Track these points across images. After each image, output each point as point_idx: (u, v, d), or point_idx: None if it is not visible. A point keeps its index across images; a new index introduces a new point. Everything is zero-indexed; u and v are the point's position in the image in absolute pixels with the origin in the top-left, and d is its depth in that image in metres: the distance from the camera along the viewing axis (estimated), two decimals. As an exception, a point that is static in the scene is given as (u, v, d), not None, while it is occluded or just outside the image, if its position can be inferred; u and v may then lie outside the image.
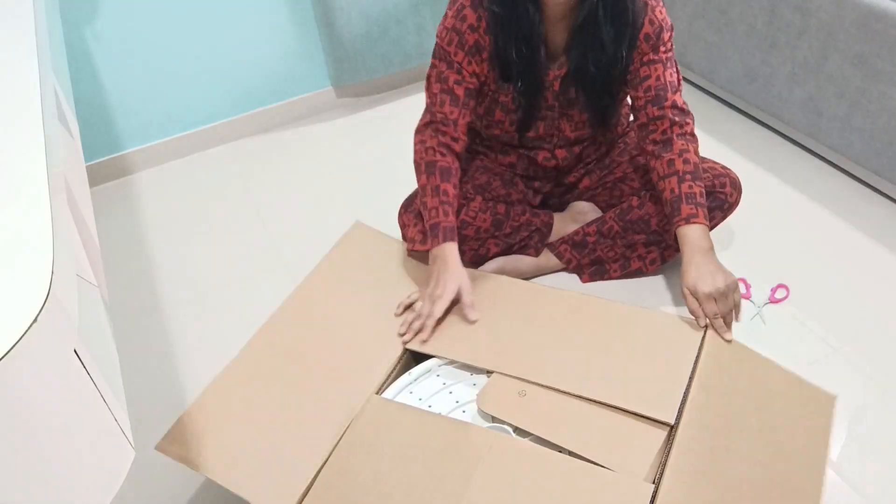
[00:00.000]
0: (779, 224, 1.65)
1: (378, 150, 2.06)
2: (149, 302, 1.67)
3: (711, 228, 1.38)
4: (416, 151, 1.37)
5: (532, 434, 1.06)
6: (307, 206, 1.89)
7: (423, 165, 1.34)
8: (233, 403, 1.16)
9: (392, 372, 1.19)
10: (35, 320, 0.58)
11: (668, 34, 1.29)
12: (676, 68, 1.33)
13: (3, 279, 0.63)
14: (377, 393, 1.15)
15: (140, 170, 2.14)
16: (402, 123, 2.15)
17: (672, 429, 1.06)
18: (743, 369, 1.14)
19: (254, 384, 1.18)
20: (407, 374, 1.19)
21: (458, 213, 1.41)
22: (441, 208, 1.30)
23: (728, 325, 1.21)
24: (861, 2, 1.52)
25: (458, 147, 1.35)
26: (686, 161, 1.29)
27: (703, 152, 1.58)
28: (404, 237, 1.44)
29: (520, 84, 1.32)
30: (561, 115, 1.39)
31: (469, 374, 1.19)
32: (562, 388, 1.11)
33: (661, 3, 1.29)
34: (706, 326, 1.20)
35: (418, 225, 1.39)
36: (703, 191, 1.29)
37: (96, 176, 2.07)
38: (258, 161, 2.11)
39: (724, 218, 1.41)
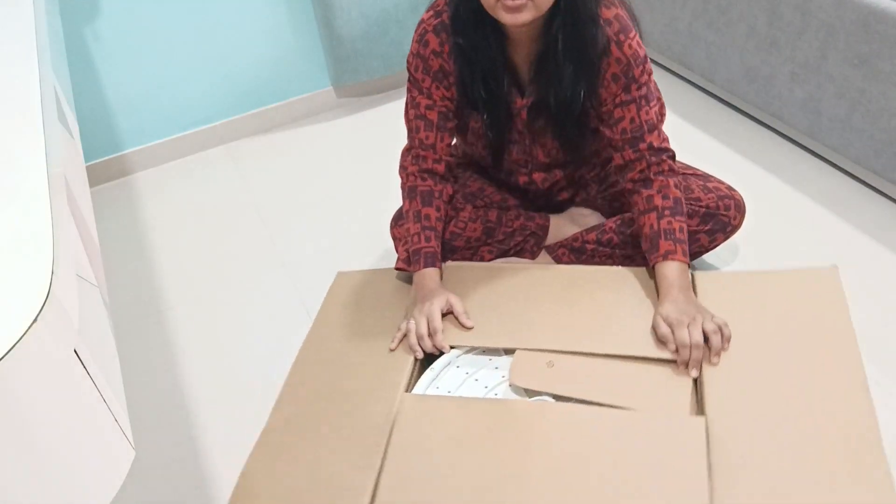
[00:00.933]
0: (779, 224, 1.65)
1: (378, 151, 2.06)
2: (149, 302, 1.67)
3: (710, 249, 1.37)
4: (400, 176, 1.39)
5: (571, 399, 1.09)
6: (307, 206, 1.89)
7: (406, 190, 1.36)
8: (281, 452, 1.15)
9: (413, 371, 1.20)
10: (35, 320, 0.58)
11: (640, 69, 1.22)
12: (657, 98, 1.27)
13: (3, 279, 0.63)
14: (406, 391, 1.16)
15: (140, 170, 2.14)
16: (403, 123, 2.14)
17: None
18: (742, 289, 1.21)
19: (292, 431, 1.18)
20: (429, 369, 1.19)
21: (447, 225, 1.41)
22: (423, 234, 1.31)
23: (696, 362, 1.11)
24: (861, 2, 1.52)
25: (441, 168, 1.35)
26: (665, 196, 1.24)
27: (703, 152, 1.58)
28: (397, 250, 1.46)
29: (485, 116, 1.31)
30: (533, 142, 1.37)
31: (487, 358, 1.20)
32: (584, 350, 1.15)
33: (631, 34, 1.21)
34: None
35: (407, 244, 1.39)
36: (684, 226, 1.24)
37: (96, 176, 2.07)
38: (258, 161, 2.11)
39: (725, 239, 1.38)
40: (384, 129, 2.15)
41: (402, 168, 1.38)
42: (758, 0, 1.77)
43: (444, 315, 1.25)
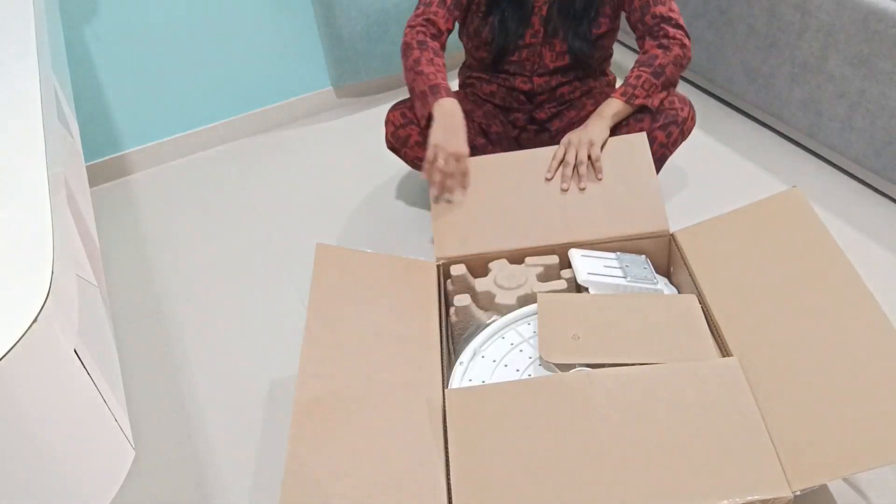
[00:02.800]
0: (779, 224, 1.65)
1: (378, 151, 2.06)
2: (149, 302, 1.67)
3: (671, 147, 1.50)
4: (406, 35, 1.45)
5: (605, 365, 1.12)
6: (307, 206, 1.89)
7: (415, 43, 1.42)
8: (321, 460, 1.08)
9: (442, 360, 1.20)
10: (35, 320, 0.58)
11: None
12: None
13: (3, 279, 0.63)
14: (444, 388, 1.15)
15: (140, 170, 2.14)
16: (402, 123, 2.14)
17: (705, 313, 1.17)
18: (720, 233, 1.27)
19: (327, 435, 1.12)
20: (457, 363, 1.19)
21: None
22: (440, 73, 1.38)
23: (565, 177, 1.32)
24: (861, 2, 1.52)
25: (443, 39, 1.46)
26: (645, 51, 1.43)
27: (703, 152, 1.58)
28: (387, 135, 1.60)
29: (506, 9, 1.44)
30: (544, 43, 1.48)
31: (509, 344, 1.22)
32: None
33: None
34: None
35: (405, 119, 1.55)
36: (642, 74, 1.40)
37: (96, 176, 2.07)
38: (258, 161, 2.11)
39: (682, 135, 1.49)
40: (384, 129, 2.15)
41: (411, 28, 1.45)
42: (758, 0, 1.77)
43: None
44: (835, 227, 1.62)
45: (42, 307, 0.59)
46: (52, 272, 0.63)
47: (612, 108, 1.40)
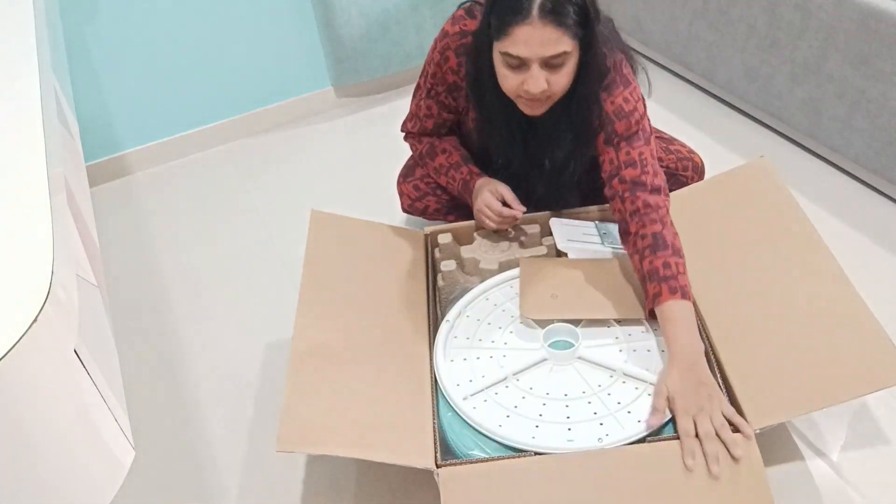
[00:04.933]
0: (779, 224, 1.66)
1: (378, 150, 2.06)
2: (149, 302, 1.67)
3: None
4: (413, 149, 1.46)
5: (581, 320, 1.20)
6: (307, 206, 1.89)
7: (426, 150, 1.44)
8: (316, 402, 1.10)
9: (428, 318, 1.29)
10: (35, 320, 0.58)
11: (624, 122, 1.20)
12: (645, 139, 1.22)
13: (3, 279, 0.63)
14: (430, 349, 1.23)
15: (140, 170, 2.14)
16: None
17: None
18: (687, 195, 1.36)
19: (321, 380, 1.14)
20: (444, 321, 1.26)
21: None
22: (463, 165, 1.39)
23: (713, 457, 0.97)
24: (861, 2, 1.52)
25: (442, 134, 1.45)
26: (643, 236, 1.17)
27: (703, 152, 1.58)
28: (402, 205, 1.56)
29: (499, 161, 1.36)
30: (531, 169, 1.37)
31: (492, 305, 1.29)
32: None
33: (616, 91, 1.20)
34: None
35: (420, 192, 1.52)
36: (669, 260, 1.13)
37: (96, 176, 2.07)
38: (258, 161, 2.11)
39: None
40: (384, 129, 2.15)
41: (413, 143, 1.46)
42: (758, 0, 1.77)
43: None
44: (835, 227, 1.62)
45: (42, 307, 0.59)
46: (52, 272, 0.63)
47: (682, 312, 1.09)
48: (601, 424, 1.05)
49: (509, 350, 1.19)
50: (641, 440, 1.03)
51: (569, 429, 1.06)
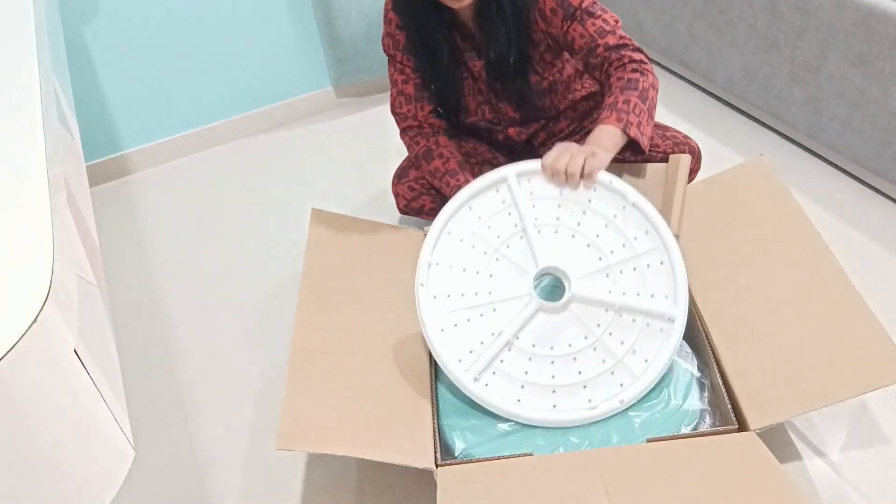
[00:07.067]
0: (779, 224, 1.65)
1: (378, 151, 2.06)
2: (148, 302, 1.67)
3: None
4: (409, 149, 1.48)
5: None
6: (307, 206, 1.89)
7: (423, 152, 1.44)
8: (315, 399, 1.12)
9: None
10: (35, 320, 0.58)
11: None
12: (602, 9, 1.27)
13: (3, 279, 0.63)
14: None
15: (140, 170, 2.14)
16: (402, 123, 2.14)
17: None
18: (696, 200, 1.36)
19: (321, 376, 1.16)
20: (442, 211, 1.24)
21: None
22: (460, 173, 1.39)
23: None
24: (861, 2, 1.52)
25: (429, 128, 1.45)
26: (619, 78, 1.25)
27: (702, 152, 1.58)
28: (399, 206, 1.56)
29: (434, 84, 1.39)
30: (499, 100, 1.42)
31: (501, 200, 1.25)
32: None
33: None
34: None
35: (414, 192, 1.53)
36: (631, 99, 1.22)
37: (96, 176, 2.07)
38: (258, 161, 2.11)
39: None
40: (384, 129, 2.15)
41: (407, 140, 1.47)
42: (758, 0, 1.77)
43: None
44: (835, 227, 1.62)
45: (42, 307, 0.59)
46: (52, 272, 0.63)
47: (612, 137, 1.20)
48: (612, 373, 1.10)
49: (498, 303, 1.17)
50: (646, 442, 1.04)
51: (584, 386, 1.10)
